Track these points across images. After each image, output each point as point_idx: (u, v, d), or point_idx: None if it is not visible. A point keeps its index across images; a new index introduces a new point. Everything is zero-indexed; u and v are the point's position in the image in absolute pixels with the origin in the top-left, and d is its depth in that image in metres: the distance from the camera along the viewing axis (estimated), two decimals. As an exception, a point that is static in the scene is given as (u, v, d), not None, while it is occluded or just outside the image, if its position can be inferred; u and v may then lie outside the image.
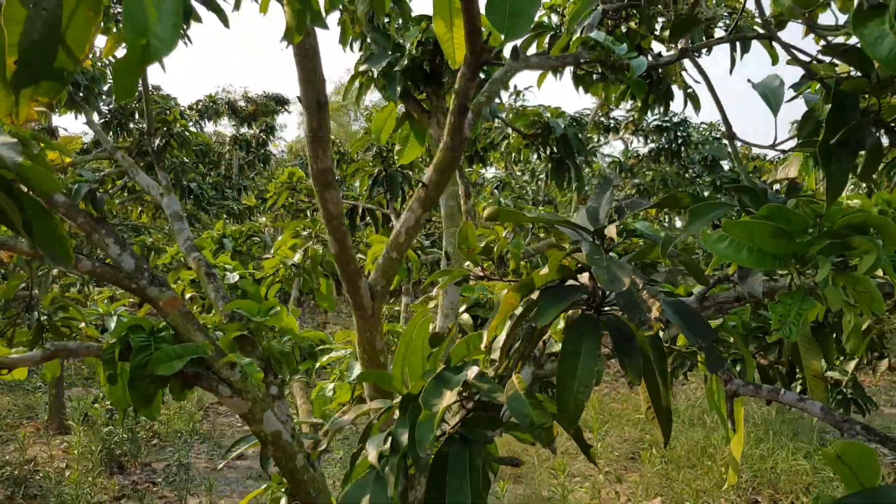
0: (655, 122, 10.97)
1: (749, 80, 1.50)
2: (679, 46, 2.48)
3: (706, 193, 13.26)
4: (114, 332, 2.65)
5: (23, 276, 3.65)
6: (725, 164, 13.18)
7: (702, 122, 13.50)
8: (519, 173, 15.54)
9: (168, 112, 6.15)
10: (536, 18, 3.46)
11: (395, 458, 1.27)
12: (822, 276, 1.10)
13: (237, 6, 2.86)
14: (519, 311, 1.43)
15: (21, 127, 1.12)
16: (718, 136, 12.84)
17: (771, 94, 1.45)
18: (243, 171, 18.42)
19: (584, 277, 1.52)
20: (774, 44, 2.17)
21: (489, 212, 1.49)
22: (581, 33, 2.61)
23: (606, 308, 1.50)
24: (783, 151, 1.61)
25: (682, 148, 11.11)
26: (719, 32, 3.23)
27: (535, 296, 1.46)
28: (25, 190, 1.48)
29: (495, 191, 11.86)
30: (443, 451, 1.31)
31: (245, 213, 11.84)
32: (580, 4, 2.51)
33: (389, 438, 1.30)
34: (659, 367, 1.41)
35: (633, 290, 1.30)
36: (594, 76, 2.43)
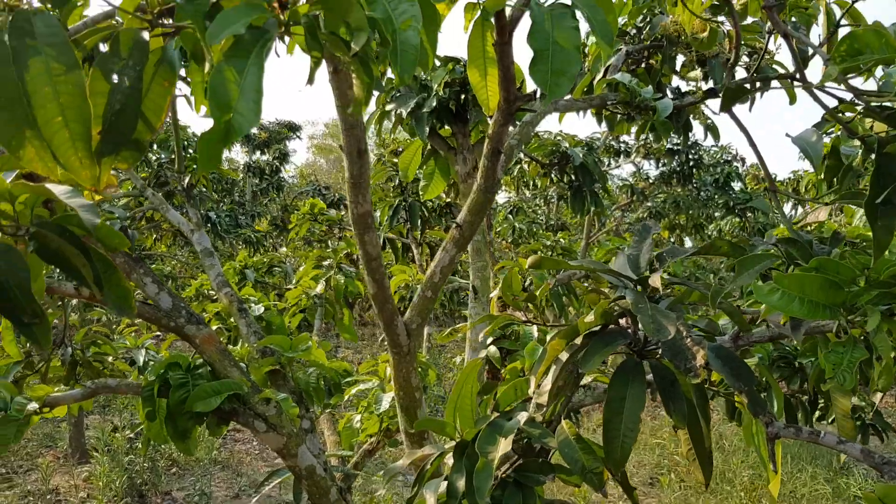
0: (667, 146, 11.06)
1: (788, 135, 1.56)
2: (703, 86, 2.55)
3: (717, 214, 13.32)
4: (153, 370, 2.71)
5: (56, 313, 3.73)
6: (736, 185, 13.24)
7: (712, 145, 13.58)
8: (529, 196, 15.65)
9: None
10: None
11: (453, 503, 1.32)
12: (873, 325, 1.15)
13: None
14: (564, 356, 1.48)
15: (103, 193, 1.19)
16: (730, 158, 12.91)
17: (810, 149, 1.51)
18: (256, 197, 18.58)
19: (625, 321, 1.58)
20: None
21: (532, 260, 1.55)
22: (604, 74, 2.68)
23: (649, 350, 1.55)
24: (826, 203, 1.67)
25: (694, 170, 11.18)
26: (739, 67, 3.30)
27: (578, 341, 1.52)
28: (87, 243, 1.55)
29: (509, 215, 11.93)
30: (496, 495, 1.36)
31: (262, 241, 11.95)
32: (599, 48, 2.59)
33: (445, 483, 1.35)
34: (702, 411, 1.46)
35: (678, 338, 1.35)
36: (619, 116, 2.50)
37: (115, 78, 1.17)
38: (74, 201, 1.37)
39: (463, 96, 3.15)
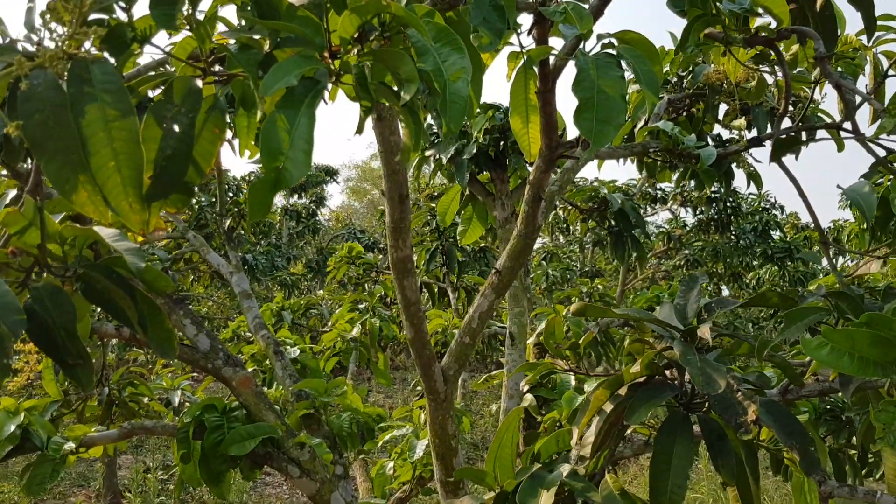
0: (705, 193, 10.98)
1: (839, 186, 1.54)
2: (745, 135, 2.52)
3: (755, 263, 13.12)
4: (189, 412, 2.72)
5: (95, 353, 3.77)
6: (775, 234, 13.06)
7: (750, 193, 13.46)
8: (563, 242, 15.60)
9: (239, 194, 6.40)
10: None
11: (494, 557, 1.28)
12: (928, 386, 1.11)
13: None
14: (608, 407, 1.45)
15: (151, 236, 1.21)
16: (768, 206, 12.77)
17: (863, 200, 1.48)
18: (293, 240, 18.79)
19: (670, 372, 1.54)
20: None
21: (576, 308, 1.53)
22: (646, 122, 2.67)
23: (695, 403, 1.51)
24: (879, 257, 1.63)
25: (733, 218, 11.06)
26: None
27: (623, 391, 1.49)
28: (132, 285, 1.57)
29: (543, 262, 11.89)
30: (539, 550, 1.32)
31: (297, 283, 12.05)
32: (641, 97, 2.59)
33: (486, 537, 1.32)
34: (751, 468, 1.41)
35: (728, 392, 1.31)
36: (661, 164, 2.48)
37: (167, 124, 1.19)
38: (121, 245, 1.39)
39: (502, 143, 3.17)
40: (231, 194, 7.04)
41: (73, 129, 1.08)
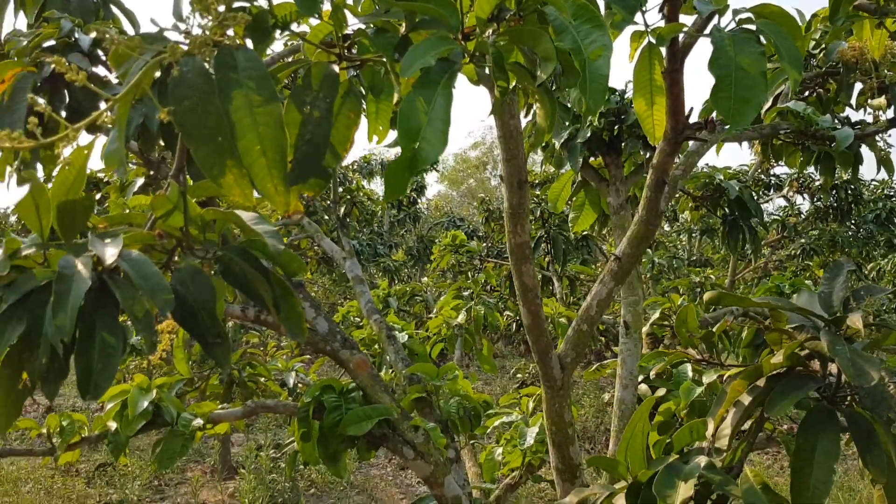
0: (830, 181, 10.41)
1: None
2: (882, 116, 2.37)
3: (876, 252, 12.39)
4: (308, 392, 2.79)
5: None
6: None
7: (872, 180, 12.72)
8: (668, 230, 15.17)
9: (351, 182, 6.57)
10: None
11: (628, 547, 1.26)
12: None
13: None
14: (746, 399, 1.39)
15: (291, 218, 1.24)
16: (893, 193, 12.01)
17: None
18: (394, 228, 19.06)
19: (811, 364, 1.47)
20: None
21: (710, 296, 1.48)
22: (774, 102, 2.55)
23: (839, 396, 1.44)
24: None
25: (853, 206, 10.46)
26: None
27: (761, 383, 1.42)
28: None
29: (649, 250, 11.60)
30: (674, 543, 1.29)
31: (399, 270, 12.21)
32: (772, 75, 2.47)
33: (619, 526, 1.29)
34: (903, 466, 1.33)
35: (881, 386, 1.24)
36: (790, 146, 2.36)
37: (306, 109, 1.21)
38: (261, 227, 1.42)
39: (617, 126, 3.09)
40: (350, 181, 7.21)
41: (221, 115, 1.12)
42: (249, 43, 1.41)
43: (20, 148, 1.10)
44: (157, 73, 1.17)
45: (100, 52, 2.22)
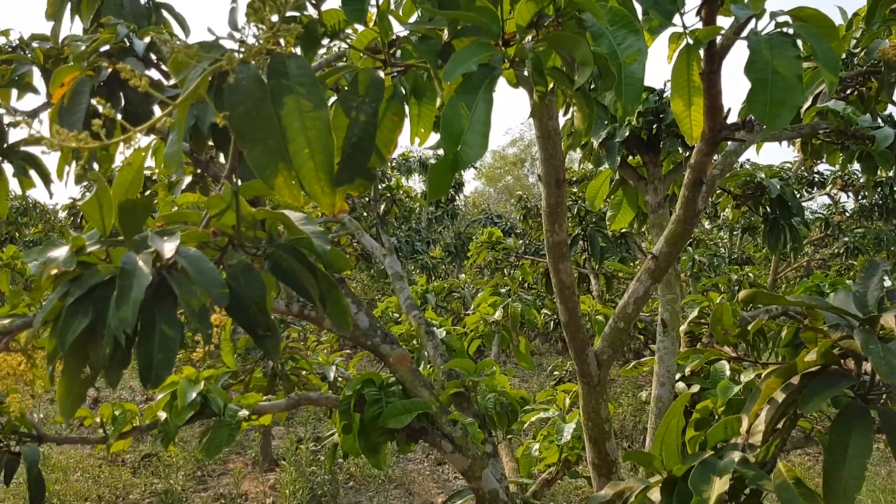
0: (872, 179, 10.22)
1: None
2: (927, 113, 2.35)
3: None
4: (349, 386, 2.87)
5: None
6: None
7: (920, 176, 12.39)
8: (709, 227, 15.00)
9: (391, 179, 6.67)
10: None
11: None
12: None
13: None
14: (780, 396, 1.41)
15: (337, 218, 1.30)
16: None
17: None
18: (431, 224, 19.15)
19: (846, 363, 1.48)
20: None
21: (745, 294, 1.50)
22: (813, 102, 2.55)
23: (873, 395, 1.45)
24: None
25: (900, 203, 10.24)
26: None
27: (795, 380, 1.45)
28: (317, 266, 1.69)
29: (689, 247, 11.50)
30: (706, 535, 1.32)
31: (436, 266, 12.28)
32: (811, 74, 2.47)
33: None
34: (939, 464, 1.34)
35: (914, 383, 1.25)
36: (830, 145, 2.36)
37: (353, 113, 1.27)
38: (308, 228, 1.49)
39: (655, 126, 3.10)
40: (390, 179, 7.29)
41: (274, 120, 1.18)
42: (298, 50, 1.48)
43: (85, 148, 1.17)
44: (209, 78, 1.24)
45: (153, 56, 2.31)
